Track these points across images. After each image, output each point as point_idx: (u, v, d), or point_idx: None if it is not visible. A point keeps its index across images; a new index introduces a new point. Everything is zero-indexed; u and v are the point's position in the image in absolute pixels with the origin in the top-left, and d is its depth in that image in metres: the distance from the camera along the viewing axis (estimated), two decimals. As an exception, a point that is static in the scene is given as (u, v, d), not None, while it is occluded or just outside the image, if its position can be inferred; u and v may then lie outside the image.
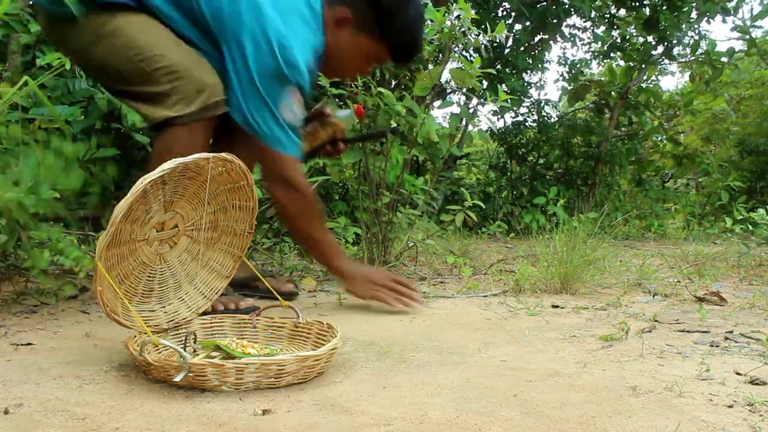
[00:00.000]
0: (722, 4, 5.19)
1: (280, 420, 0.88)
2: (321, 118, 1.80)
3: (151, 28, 1.50)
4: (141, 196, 1.05)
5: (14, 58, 2.23)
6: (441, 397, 0.99)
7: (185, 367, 0.96)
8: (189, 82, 1.46)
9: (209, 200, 1.23)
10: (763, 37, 6.20)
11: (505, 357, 1.24)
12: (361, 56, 1.66)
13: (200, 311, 1.29)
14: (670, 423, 0.89)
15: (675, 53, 5.72)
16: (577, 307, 1.79)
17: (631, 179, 6.30)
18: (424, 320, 1.60)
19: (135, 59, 1.47)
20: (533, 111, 6.05)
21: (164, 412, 0.90)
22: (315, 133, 1.80)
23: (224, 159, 1.16)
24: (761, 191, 6.20)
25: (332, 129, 1.79)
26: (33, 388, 0.98)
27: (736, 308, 1.83)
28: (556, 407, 0.95)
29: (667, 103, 6.49)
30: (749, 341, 1.41)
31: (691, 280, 2.41)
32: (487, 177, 6.15)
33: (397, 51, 1.67)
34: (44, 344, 1.25)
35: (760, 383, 1.08)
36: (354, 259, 1.91)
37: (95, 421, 0.86)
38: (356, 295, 1.71)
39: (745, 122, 6.74)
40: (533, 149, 5.98)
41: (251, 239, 1.33)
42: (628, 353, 1.28)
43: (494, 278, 2.35)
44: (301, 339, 1.28)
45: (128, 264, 1.15)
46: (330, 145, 1.83)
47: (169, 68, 1.45)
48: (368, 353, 1.24)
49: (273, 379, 1.00)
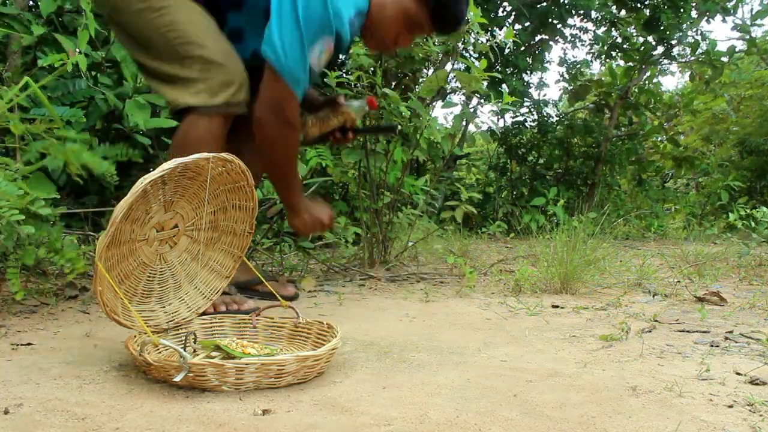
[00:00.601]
0: (722, 4, 5.19)
1: (280, 420, 0.88)
2: (333, 105, 1.81)
3: (198, 17, 1.54)
4: (141, 196, 1.05)
5: (14, 58, 2.24)
6: (441, 397, 0.99)
7: (185, 367, 0.96)
8: (217, 75, 1.51)
9: (209, 200, 1.23)
10: (763, 37, 6.20)
11: (505, 357, 1.24)
12: (403, 20, 1.66)
13: (200, 311, 1.29)
14: (670, 423, 0.89)
15: (675, 53, 5.72)
16: (577, 307, 1.79)
17: (631, 179, 6.30)
18: (424, 320, 1.60)
19: (174, 41, 1.50)
20: (533, 111, 6.05)
21: (164, 412, 0.90)
22: (326, 119, 1.81)
23: (224, 159, 1.16)
24: (761, 191, 6.20)
25: (343, 117, 1.79)
26: (33, 388, 0.98)
27: (736, 308, 1.83)
28: (556, 407, 0.95)
29: (667, 103, 6.49)
30: (749, 341, 1.41)
31: (691, 280, 2.41)
32: (487, 177, 6.15)
33: (439, 16, 1.67)
34: (44, 344, 1.25)
35: (760, 383, 1.08)
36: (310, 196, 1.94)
37: (95, 421, 0.86)
38: (295, 230, 1.75)
39: (745, 122, 6.74)
40: (533, 149, 5.98)
41: (251, 239, 1.33)
42: (628, 353, 1.28)
43: (494, 278, 2.35)
44: (301, 339, 1.28)
45: (128, 264, 1.15)
46: (339, 133, 1.84)
47: (203, 59, 1.50)
48: (368, 353, 1.24)
49: (273, 379, 1.00)
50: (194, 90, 1.50)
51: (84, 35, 1.86)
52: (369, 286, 2.13)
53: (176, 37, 1.51)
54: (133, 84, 2.40)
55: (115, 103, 2.37)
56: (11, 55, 2.25)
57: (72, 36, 2.29)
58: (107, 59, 2.47)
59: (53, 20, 2.46)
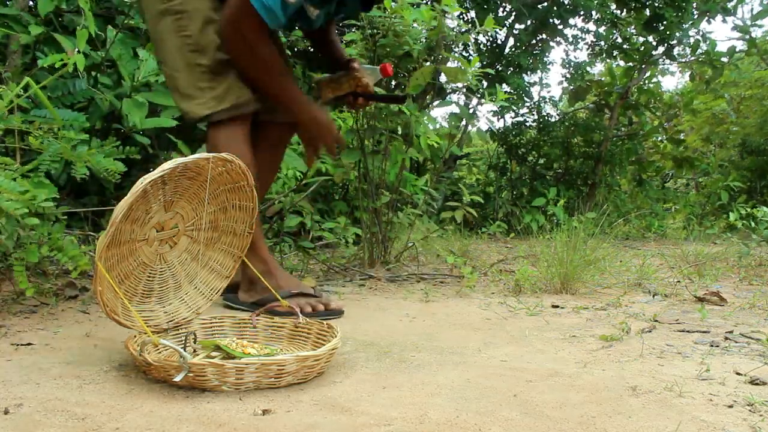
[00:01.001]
0: (722, 4, 5.19)
1: (280, 420, 0.88)
2: (348, 69, 1.81)
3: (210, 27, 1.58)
4: (141, 196, 1.05)
5: (14, 58, 2.24)
6: (441, 397, 0.99)
7: (185, 367, 0.96)
8: (222, 82, 1.57)
9: (209, 200, 1.23)
10: (763, 37, 6.20)
11: (505, 357, 1.24)
12: None
13: (200, 311, 1.29)
14: (670, 423, 0.89)
15: (675, 53, 5.72)
16: (577, 307, 1.79)
17: (631, 179, 6.30)
18: (424, 320, 1.60)
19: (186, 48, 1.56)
20: (533, 111, 6.04)
21: (164, 412, 0.90)
22: (339, 82, 1.81)
23: (224, 159, 1.16)
24: (761, 191, 6.20)
25: (354, 82, 1.79)
26: (33, 388, 0.98)
27: (736, 308, 1.83)
28: (556, 407, 0.95)
29: (668, 103, 6.49)
30: (749, 341, 1.41)
31: (691, 280, 2.41)
32: (487, 177, 6.15)
33: None
34: (44, 344, 1.25)
35: (760, 383, 1.08)
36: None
37: (95, 421, 0.86)
38: (305, 131, 1.73)
39: (746, 122, 6.73)
40: (533, 149, 5.97)
41: (251, 239, 1.33)
42: (628, 353, 1.28)
43: (494, 278, 2.35)
44: (301, 339, 1.28)
45: (128, 264, 1.15)
46: (352, 97, 1.84)
47: (210, 68, 1.57)
48: (368, 353, 1.25)
49: (273, 379, 1.00)
50: (202, 100, 1.57)
51: (83, 35, 1.85)
52: (369, 286, 2.13)
53: (189, 44, 1.56)
54: (131, 83, 2.40)
55: (114, 103, 2.37)
56: (11, 55, 2.25)
57: (71, 36, 2.29)
58: (107, 59, 2.47)
59: (52, 20, 2.46)
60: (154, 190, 1.11)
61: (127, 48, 2.48)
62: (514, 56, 5.17)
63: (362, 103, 1.85)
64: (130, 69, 2.43)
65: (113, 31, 2.44)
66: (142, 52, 2.46)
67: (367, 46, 2.28)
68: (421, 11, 2.25)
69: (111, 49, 2.43)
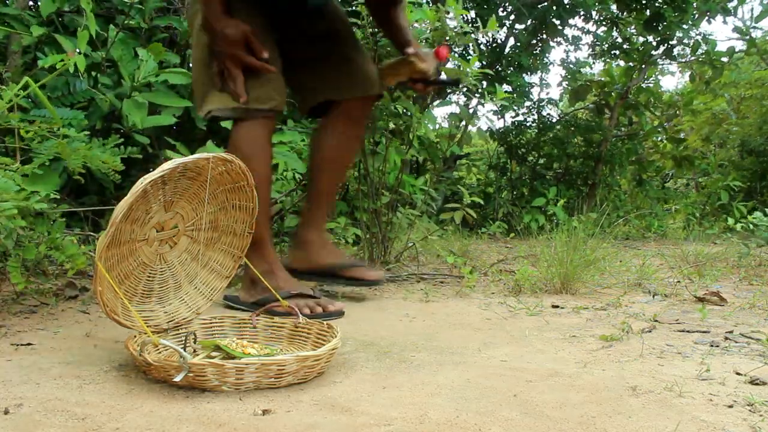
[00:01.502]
0: (723, 4, 5.19)
1: (280, 420, 0.88)
2: (405, 54, 1.80)
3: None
4: (141, 196, 1.05)
5: (14, 58, 2.24)
6: (441, 397, 0.99)
7: (185, 367, 0.96)
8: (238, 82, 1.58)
9: (209, 200, 1.23)
10: (762, 38, 6.20)
11: (505, 357, 1.24)
12: None
13: (200, 311, 1.29)
14: (670, 423, 0.89)
15: (675, 53, 5.72)
16: (577, 307, 1.79)
17: (631, 179, 6.29)
18: (424, 320, 1.60)
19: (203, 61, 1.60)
20: (533, 111, 6.04)
21: (164, 412, 0.90)
22: (397, 69, 1.82)
23: (224, 159, 1.16)
24: (761, 191, 6.20)
25: (410, 69, 1.79)
26: (33, 388, 0.98)
27: (736, 308, 1.83)
28: (556, 407, 0.95)
29: (667, 103, 6.49)
30: (749, 341, 1.41)
31: (691, 280, 2.41)
32: (487, 177, 6.15)
33: None
34: (44, 344, 1.25)
35: (760, 383, 1.08)
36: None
37: (95, 421, 0.86)
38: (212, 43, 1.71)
39: (746, 122, 6.73)
40: (533, 149, 5.97)
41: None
42: (628, 353, 1.28)
43: (494, 278, 2.35)
44: (301, 339, 1.28)
45: (128, 264, 1.15)
46: (411, 83, 1.85)
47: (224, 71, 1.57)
48: (368, 353, 1.25)
49: (273, 379, 1.00)
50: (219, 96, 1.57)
51: (83, 36, 1.85)
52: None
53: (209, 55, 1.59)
54: (131, 83, 2.40)
55: (114, 103, 2.37)
56: (11, 55, 2.25)
57: (72, 36, 2.29)
58: (107, 59, 2.47)
59: (54, 20, 2.46)
60: (154, 190, 1.11)
61: (127, 48, 2.48)
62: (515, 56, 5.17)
63: (421, 88, 1.86)
64: (130, 69, 2.43)
65: (114, 30, 2.44)
66: (142, 52, 2.46)
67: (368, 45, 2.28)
68: (425, 11, 2.24)
69: (111, 49, 2.43)
